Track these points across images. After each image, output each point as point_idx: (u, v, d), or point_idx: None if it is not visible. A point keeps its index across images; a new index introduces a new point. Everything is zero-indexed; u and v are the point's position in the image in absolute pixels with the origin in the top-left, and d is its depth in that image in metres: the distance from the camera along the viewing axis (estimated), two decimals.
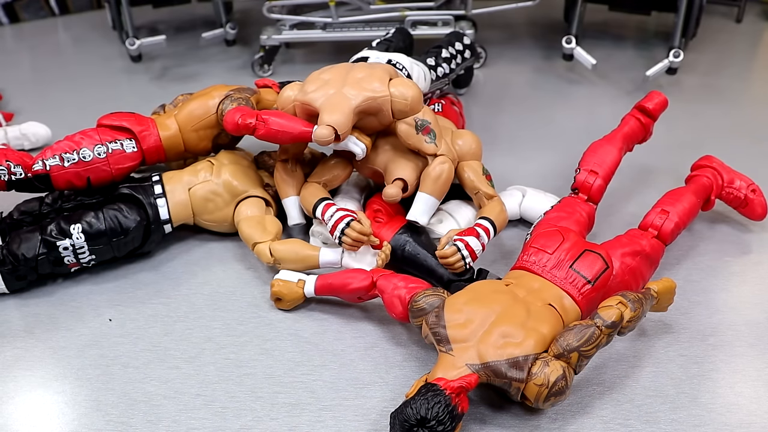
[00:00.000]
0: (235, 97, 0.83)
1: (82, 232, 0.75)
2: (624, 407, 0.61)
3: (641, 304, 0.62)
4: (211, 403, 0.63)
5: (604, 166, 0.80)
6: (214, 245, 0.84)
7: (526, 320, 0.61)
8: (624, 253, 0.70)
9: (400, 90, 0.75)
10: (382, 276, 0.70)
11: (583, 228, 0.75)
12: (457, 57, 1.03)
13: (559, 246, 0.69)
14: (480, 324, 0.61)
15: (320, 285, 0.72)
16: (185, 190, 0.81)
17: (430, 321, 0.63)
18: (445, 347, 0.61)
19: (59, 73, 1.36)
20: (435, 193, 0.77)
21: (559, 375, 0.57)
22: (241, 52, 1.40)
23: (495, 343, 0.60)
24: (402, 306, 0.66)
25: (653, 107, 0.86)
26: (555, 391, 0.57)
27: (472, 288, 0.67)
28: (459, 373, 0.59)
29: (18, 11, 1.63)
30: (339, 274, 0.72)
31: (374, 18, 1.24)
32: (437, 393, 0.57)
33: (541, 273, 0.67)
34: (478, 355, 0.59)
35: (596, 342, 0.59)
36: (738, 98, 1.19)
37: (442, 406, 0.56)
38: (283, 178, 0.82)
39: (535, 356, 0.58)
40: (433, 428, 0.56)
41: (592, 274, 0.66)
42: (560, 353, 0.58)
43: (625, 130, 0.84)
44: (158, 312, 0.74)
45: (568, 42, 1.23)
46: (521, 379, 0.58)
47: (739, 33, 1.46)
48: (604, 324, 0.59)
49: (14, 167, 0.76)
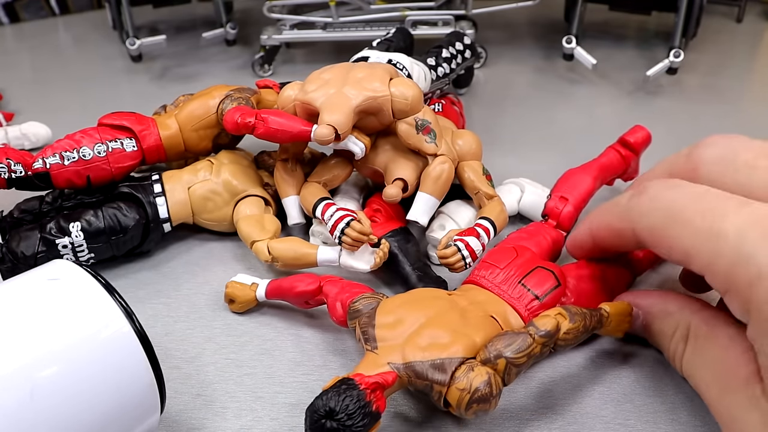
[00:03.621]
0: (235, 97, 0.82)
1: (81, 230, 0.74)
2: (624, 407, 0.61)
3: (583, 319, 0.56)
4: (211, 403, 0.62)
5: (575, 193, 0.75)
6: (214, 245, 0.84)
7: (459, 326, 0.57)
8: (579, 276, 0.65)
9: (400, 90, 0.75)
10: (329, 281, 0.67)
11: (544, 252, 0.70)
12: (457, 57, 1.02)
13: (512, 262, 0.65)
14: (409, 326, 0.57)
15: (270, 288, 0.70)
16: (185, 189, 0.80)
17: (362, 322, 0.59)
18: (371, 345, 0.57)
19: (59, 73, 1.35)
20: (435, 193, 0.77)
21: (484, 381, 0.52)
22: (242, 52, 1.39)
23: (420, 344, 0.55)
24: (343, 309, 0.63)
25: (634, 141, 0.80)
26: (477, 398, 0.52)
27: (412, 293, 0.64)
28: (380, 371, 0.55)
29: (18, 11, 1.63)
30: (289, 278, 0.69)
31: (374, 18, 1.23)
32: (350, 386, 0.53)
33: (490, 288, 0.63)
34: (401, 355, 0.55)
35: (527, 351, 0.53)
36: (738, 98, 1.19)
37: (354, 400, 0.52)
38: (283, 177, 0.81)
39: (461, 360, 0.54)
40: (342, 422, 0.51)
41: (541, 290, 0.62)
42: (487, 359, 0.53)
43: (602, 160, 0.79)
44: (158, 312, 0.73)
45: (569, 42, 1.21)
46: (443, 382, 0.53)
47: (740, 33, 1.45)
48: (537, 333, 0.54)
49: (14, 165, 0.76)
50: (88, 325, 0.42)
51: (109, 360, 0.41)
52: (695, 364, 0.53)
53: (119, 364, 0.42)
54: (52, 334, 0.39)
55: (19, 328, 0.38)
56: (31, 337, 0.38)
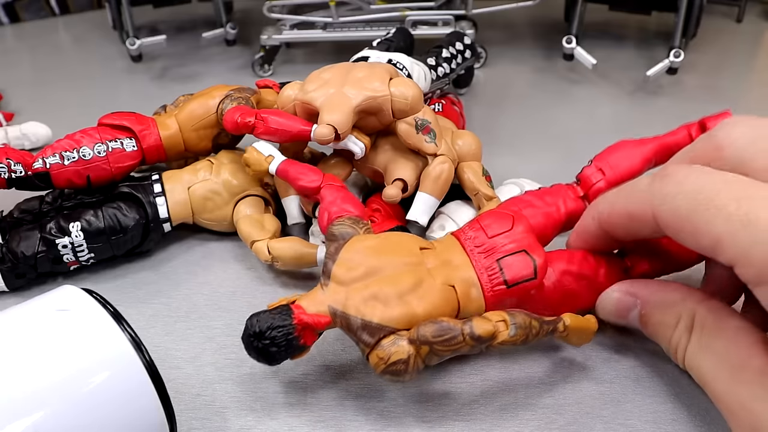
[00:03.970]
0: (235, 97, 0.82)
1: (81, 230, 0.74)
2: (624, 407, 0.61)
3: (527, 333, 0.54)
4: (211, 403, 0.62)
5: (616, 170, 0.68)
6: (214, 245, 0.84)
7: (408, 292, 0.56)
8: (566, 271, 0.62)
9: (400, 89, 0.75)
10: (329, 186, 0.67)
11: (551, 226, 0.66)
12: (457, 57, 1.02)
13: (501, 233, 0.61)
14: (364, 274, 0.57)
15: (281, 169, 0.71)
16: (184, 189, 0.80)
17: (329, 251, 0.60)
18: (324, 280, 0.58)
19: (59, 73, 1.35)
20: (435, 192, 0.77)
21: (402, 358, 0.53)
22: (242, 52, 1.39)
23: (363, 299, 0.55)
24: (327, 221, 0.63)
25: (713, 127, 0.72)
26: (392, 370, 0.54)
27: (387, 236, 0.61)
28: (318, 311, 0.56)
29: (18, 11, 1.63)
30: (299, 167, 0.71)
31: (374, 18, 1.23)
32: (285, 317, 0.55)
33: (469, 252, 0.60)
34: (343, 302, 0.56)
35: (454, 346, 0.53)
36: (738, 98, 1.19)
37: (282, 332, 0.54)
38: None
39: (391, 330, 0.54)
40: (266, 347, 0.54)
41: (513, 276, 0.58)
42: (414, 339, 0.53)
43: (666, 140, 0.69)
44: (159, 312, 0.73)
45: (569, 42, 1.21)
46: (368, 343, 0.55)
47: (740, 33, 1.45)
48: (469, 334, 0.53)
49: (14, 165, 0.76)
50: (95, 359, 0.41)
51: (117, 394, 0.41)
52: (700, 355, 0.52)
53: (127, 399, 0.41)
54: (58, 366, 0.39)
55: (24, 359, 0.38)
56: (37, 368, 0.37)
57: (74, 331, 0.42)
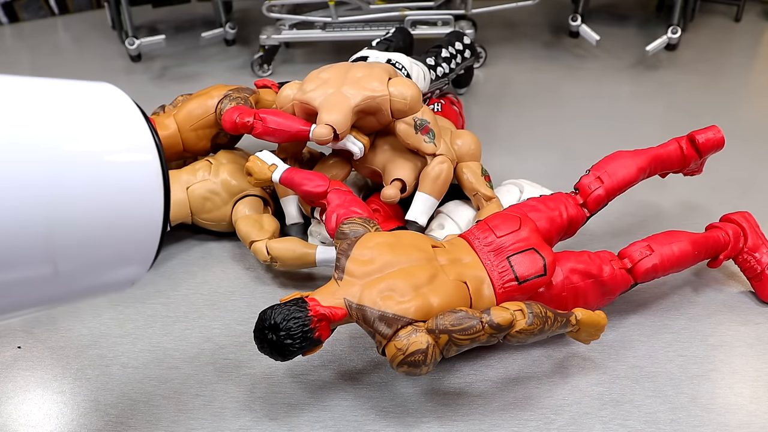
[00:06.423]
0: (233, 97, 0.83)
1: None
2: (624, 407, 0.61)
3: (543, 323, 0.57)
4: (210, 404, 0.63)
5: (613, 178, 0.72)
6: (212, 245, 0.84)
7: (423, 285, 0.59)
8: (573, 269, 0.65)
9: (399, 89, 0.75)
10: (336, 190, 0.70)
11: (555, 230, 0.69)
12: (456, 56, 1.03)
13: (510, 233, 0.65)
14: (378, 268, 0.60)
15: (285, 176, 0.73)
16: (183, 189, 0.81)
17: (341, 247, 0.63)
18: (338, 274, 0.61)
19: (59, 72, 1.36)
20: (434, 192, 0.77)
21: (421, 348, 0.56)
22: (241, 52, 1.40)
23: (379, 291, 0.58)
24: (336, 223, 0.66)
25: (702, 142, 0.74)
26: (410, 361, 0.56)
27: (397, 234, 0.65)
28: (334, 303, 0.59)
29: (18, 11, 1.63)
30: (304, 173, 0.73)
31: (374, 18, 1.24)
32: (300, 309, 0.57)
33: (479, 251, 0.64)
34: (359, 295, 0.59)
35: (473, 335, 0.56)
36: (737, 98, 1.19)
37: (299, 323, 0.57)
38: None
39: (409, 321, 0.57)
40: (281, 338, 0.56)
41: (523, 273, 0.62)
42: (432, 329, 0.56)
43: (659, 151, 0.74)
44: (157, 312, 0.74)
45: (574, 20, 1.30)
46: (385, 334, 0.57)
47: (739, 32, 1.46)
48: (488, 322, 0.56)
49: None
50: (121, 142, 0.41)
51: (132, 178, 0.41)
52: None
53: (138, 188, 0.41)
54: (83, 135, 0.39)
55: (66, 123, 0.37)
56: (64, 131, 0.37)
57: (108, 114, 0.43)
